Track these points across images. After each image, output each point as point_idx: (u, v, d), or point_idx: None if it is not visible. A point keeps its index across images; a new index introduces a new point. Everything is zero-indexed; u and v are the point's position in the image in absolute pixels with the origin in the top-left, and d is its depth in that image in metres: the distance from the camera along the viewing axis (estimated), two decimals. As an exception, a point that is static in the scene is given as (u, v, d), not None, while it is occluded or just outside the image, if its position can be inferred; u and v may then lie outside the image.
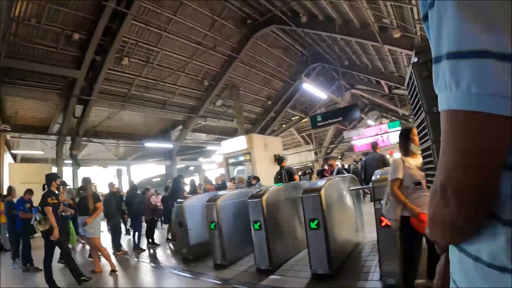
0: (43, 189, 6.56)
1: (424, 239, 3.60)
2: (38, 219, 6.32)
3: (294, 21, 15.11)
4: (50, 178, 6.59)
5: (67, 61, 13.69)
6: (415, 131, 3.68)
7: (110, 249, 9.24)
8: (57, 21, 12.23)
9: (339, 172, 10.34)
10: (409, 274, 3.64)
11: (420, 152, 3.70)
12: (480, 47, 0.57)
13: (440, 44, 0.63)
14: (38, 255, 7.34)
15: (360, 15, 13.19)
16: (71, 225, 9.18)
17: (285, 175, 9.13)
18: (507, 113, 0.57)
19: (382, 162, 8.63)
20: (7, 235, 10.01)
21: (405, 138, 3.83)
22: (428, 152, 3.14)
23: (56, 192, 6.56)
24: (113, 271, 7.10)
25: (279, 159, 9.70)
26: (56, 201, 6.37)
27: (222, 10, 15.39)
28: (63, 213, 7.87)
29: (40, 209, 6.41)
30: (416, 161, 3.69)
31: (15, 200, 8.92)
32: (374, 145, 9.94)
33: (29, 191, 8.61)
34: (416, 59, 2.95)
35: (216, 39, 14.44)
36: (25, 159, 20.04)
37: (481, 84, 0.57)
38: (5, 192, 10.26)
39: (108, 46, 13.59)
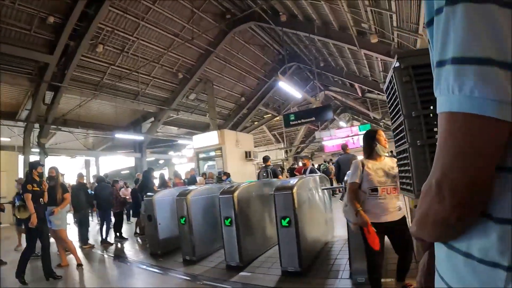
0: (26, 177, 6.43)
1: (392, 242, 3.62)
2: (17, 205, 6.17)
3: (274, 19, 15.14)
4: (32, 165, 6.41)
5: (40, 44, 13.17)
6: (381, 132, 3.70)
7: (76, 242, 9.06)
8: (32, 2, 11.74)
9: (311, 171, 10.42)
10: (372, 274, 3.63)
11: (386, 154, 3.74)
12: (485, 55, 0.60)
13: (445, 49, 0.65)
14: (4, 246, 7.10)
15: (339, 18, 13.33)
16: None
17: (270, 173, 9.53)
18: (506, 118, 0.60)
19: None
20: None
21: (371, 139, 3.71)
22: (405, 155, 3.19)
23: (38, 179, 6.33)
24: (79, 265, 6.91)
25: (264, 158, 10.20)
26: (37, 188, 6.16)
27: (202, 3, 15.24)
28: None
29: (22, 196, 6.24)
30: (381, 163, 3.64)
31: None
32: (344, 147, 10.83)
33: None
34: (397, 64, 3.00)
35: (194, 31, 14.29)
36: None
37: (484, 89, 0.60)
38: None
39: (83, 32, 13.17)
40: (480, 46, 0.61)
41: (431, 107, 2.76)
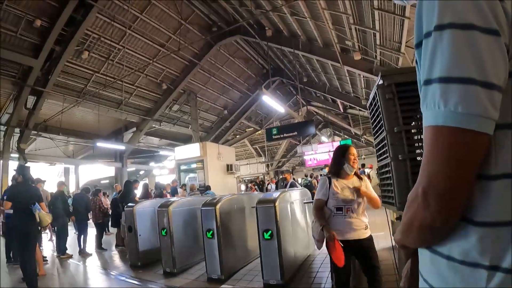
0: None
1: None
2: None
3: (259, 34, 15.30)
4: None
5: (25, 47, 12.93)
6: (353, 150, 3.67)
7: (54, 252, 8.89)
8: (20, 4, 11.54)
9: (292, 185, 10.50)
10: None
11: (352, 173, 3.71)
12: (468, 75, 0.69)
13: (432, 69, 0.74)
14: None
15: (324, 34, 13.54)
16: None
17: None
18: (487, 131, 0.69)
19: None
20: None
21: (341, 156, 3.63)
22: (387, 169, 3.27)
23: None
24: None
25: (284, 172, 10.71)
26: None
27: (189, 14, 15.33)
28: None
29: None
30: (348, 182, 3.58)
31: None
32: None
33: None
34: (381, 82, 3.09)
35: (180, 43, 14.34)
36: None
37: (466, 105, 0.69)
38: None
39: (69, 37, 13.01)
40: (464, 67, 0.69)
41: (412, 123, 2.86)
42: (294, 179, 12.96)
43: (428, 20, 0.76)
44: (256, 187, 20.43)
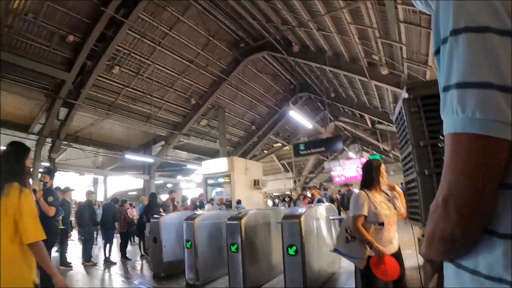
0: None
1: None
2: None
3: (286, 50, 15.36)
4: None
5: (58, 61, 13.48)
6: (383, 166, 3.64)
7: (79, 259, 9.04)
8: (54, 20, 12.10)
9: (319, 201, 10.42)
10: None
11: (384, 187, 3.66)
12: (485, 79, 0.67)
13: (450, 75, 0.72)
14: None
15: (351, 49, 13.49)
16: None
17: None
18: (506, 137, 0.66)
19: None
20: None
21: (376, 169, 3.58)
22: (413, 184, 3.21)
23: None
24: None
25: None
26: None
27: (217, 31, 15.56)
28: None
29: None
30: (381, 196, 3.53)
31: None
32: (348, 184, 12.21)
33: None
34: (406, 95, 3.05)
35: (208, 59, 14.55)
36: None
37: (484, 110, 0.66)
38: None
39: (101, 52, 13.48)
40: (481, 71, 0.67)
41: (439, 137, 2.80)
42: (321, 195, 12.80)
43: (444, 25, 0.75)
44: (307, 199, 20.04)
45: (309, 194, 15.79)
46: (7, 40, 11.94)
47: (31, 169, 6.34)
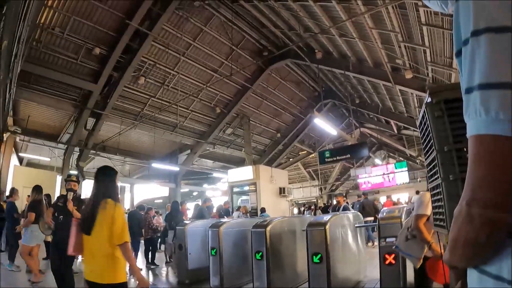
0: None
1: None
2: None
3: (309, 57, 15.37)
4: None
5: (85, 73, 14.02)
6: None
7: None
8: (80, 33, 12.64)
9: (345, 209, 10.32)
10: None
11: None
12: (508, 79, 0.65)
13: (472, 77, 0.71)
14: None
15: (374, 54, 13.40)
16: None
17: None
18: None
19: (373, 206, 12.06)
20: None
21: None
22: (437, 190, 3.14)
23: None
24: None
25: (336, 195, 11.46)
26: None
27: (240, 40, 15.77)
28: None
29: None
30: None
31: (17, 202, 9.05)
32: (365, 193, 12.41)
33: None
34: (429, 99, 3.00)
35: (232, 68, 14.69)
36: (31, 164, 19.95)
37: (508, 111, 0.64)
38: (7, 193, 10.27)
39: (126, 64, 13.93)
40: (503, 71, 0.65)
41: (464, 141, 2.74)
42: (347, 202, 12.69)
43: (464, 26, 0.75)
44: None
45: (334, 202, 15.64)
46: (35, 53, 12.45)
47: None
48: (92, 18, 12.35)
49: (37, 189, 7.54)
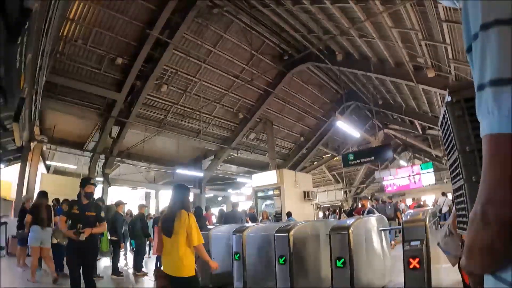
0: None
1: None
2: None
3: (330, 59, 15.28)
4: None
5: (109, 83, 14.42)
6: None
7: (130, 269, 9.40)
8: (102, 44, 13.03)
9: (369, 212, 10.18)
10: None
11: None
12: None
13: (483, 73, 0.67)
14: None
15: (395, 54, 13.23)
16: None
17: None
18: None
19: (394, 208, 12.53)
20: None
21: None
22: (460, 192, 3.07)
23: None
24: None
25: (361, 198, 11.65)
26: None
27: (260, 45, 15.84)
28: None
29: None
30: None
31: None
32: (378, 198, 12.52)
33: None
34: (449, 98, 2.94)
35: (253, 73, 14.76)
36: (58, 171, 20.50)
37: None
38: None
39: (149, 73, 14.24)
40: None
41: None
42: (372, 206, 12.52)
43: (473, 20, 0.72)
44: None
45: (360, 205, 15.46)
46: (60, 65, 12.85)
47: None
48: (114, 29, 12.69)
49: (39, 194, 8.18)
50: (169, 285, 3.96)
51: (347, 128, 14.98)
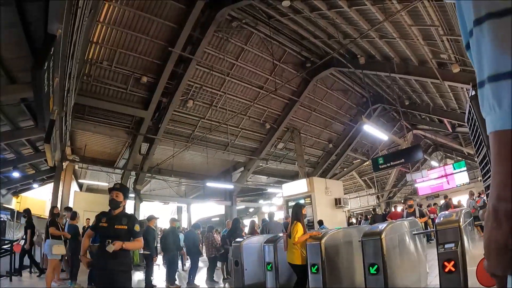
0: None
1: None
2: None
3: (352, 63, 15.21)
4: None
5: (135, 101, 14.82)
6: None
7: (163, 282, 9.52)
8: (127, 64, 13.46)
9: (421, 215, 10.03)
10: None
11: None
12: None
13: (482, 69, 0.66)
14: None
15: (417, 52, 12.98)
16: None
17: None
18: None
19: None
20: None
21: None
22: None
23: None
24: None
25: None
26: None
27: (282, 55, 15.93)
28: None
29: None
30: None
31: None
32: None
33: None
34: (473, 93, 2.89)
35: (277, 82, 14.82)
36: (90, 189, 21.21)
37: None
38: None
39: (174, 89, 14.55)
40: (511, 59, 0.60)
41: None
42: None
43: (467, 16, 0.70)
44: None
45: (398, 209, 15.15)
46: (87, 87, 13.35)
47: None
48: (137, 49, 13.06)
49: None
50: None
51: (375, 131, 14.80)
